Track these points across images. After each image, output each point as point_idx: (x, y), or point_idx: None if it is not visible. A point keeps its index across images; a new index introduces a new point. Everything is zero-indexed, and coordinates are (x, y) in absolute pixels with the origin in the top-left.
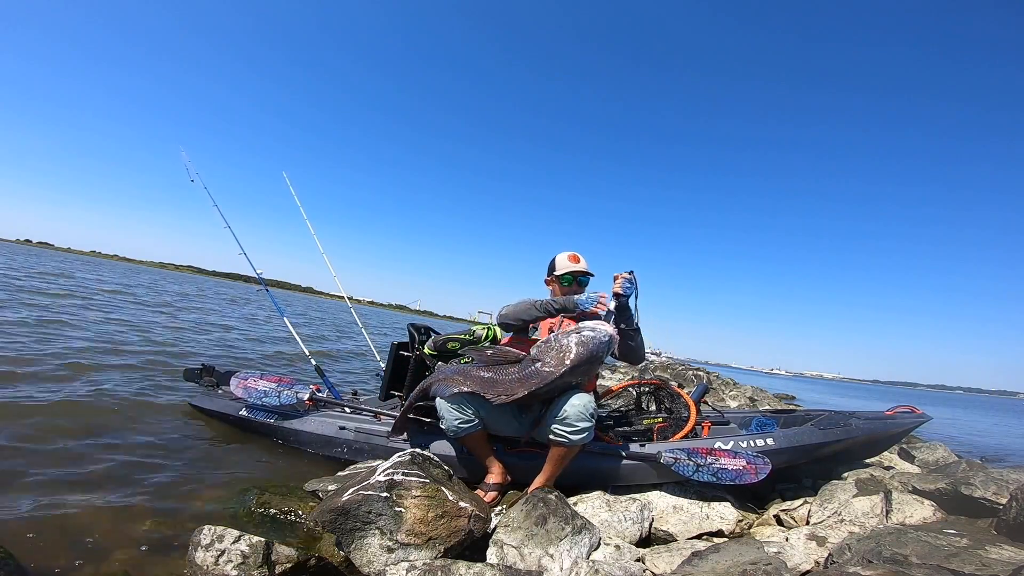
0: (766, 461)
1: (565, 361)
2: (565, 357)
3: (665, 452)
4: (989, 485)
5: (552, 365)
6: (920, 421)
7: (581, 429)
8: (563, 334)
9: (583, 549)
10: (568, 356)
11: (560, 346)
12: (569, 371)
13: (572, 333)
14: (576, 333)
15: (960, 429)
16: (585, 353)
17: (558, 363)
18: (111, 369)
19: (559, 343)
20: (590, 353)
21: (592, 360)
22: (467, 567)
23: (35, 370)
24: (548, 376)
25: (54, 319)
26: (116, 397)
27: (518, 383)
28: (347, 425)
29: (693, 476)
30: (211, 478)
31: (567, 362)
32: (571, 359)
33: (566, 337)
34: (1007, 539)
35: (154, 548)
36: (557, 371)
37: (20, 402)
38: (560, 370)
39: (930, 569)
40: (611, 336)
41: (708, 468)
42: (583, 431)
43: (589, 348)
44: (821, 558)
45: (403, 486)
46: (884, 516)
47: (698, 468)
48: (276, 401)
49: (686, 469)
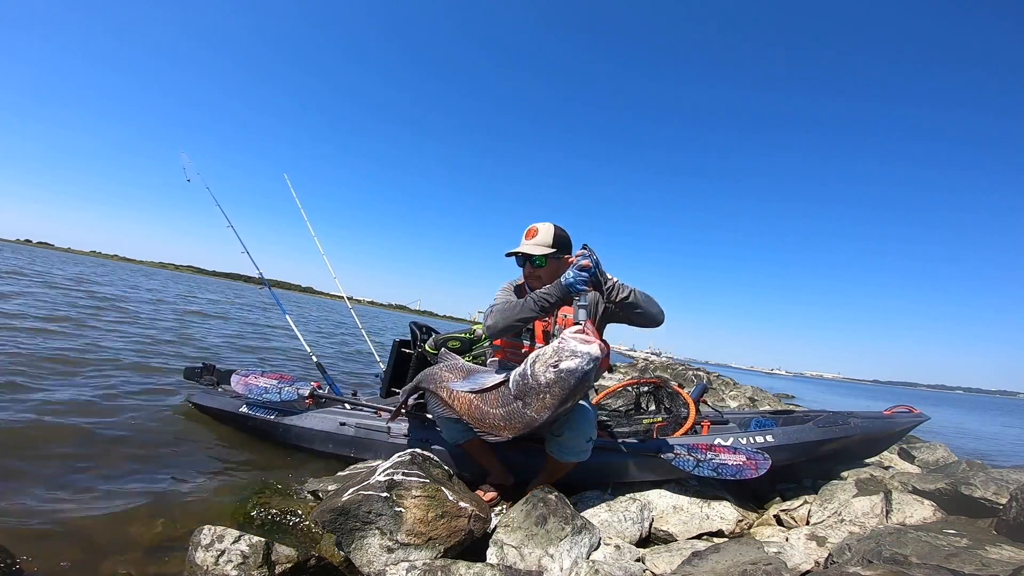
0: (766, 457)
1: (547, 406)
2: (545, 401)
3: (665, 448)
4: (989, 485)
5: (534, 409)
6: (918, 421)
7: (579, 452)
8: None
9: (583, 549)
10: (548, 399)
11: (539, 387)
12: (552, 415)
13: (550, 368)
14: (554, 369)
15: (960, 429)
16: (566, 393)
17: (540, 408)
18: (111, 369)
19: (537, 383)
20: (571, 389)
21: (576, 393)
22: (467, 567)
23: (35, 370)
24: (532, 421)
25: (54, 318)
26: (116, 397)
27: (503, 422)
28: (347, 421)
29: (693, 471)
30: (211, 478)
31: (548, 407)
32: (553, 402)
33: (545, 373)
34: (1007, 539)
35: (154, 548)
36: (540, 417)
37: (20, 402)
38: (543, 415)
39: (930, 569)
40: (595, 358)
41: (708, 463)
42: (581, 453)
43: (570, 385)
44: (821, 558)
45: (403, 486)
46: (884, 516)
47: (698, 463)
48: (277, 397)
49: (686, 464)
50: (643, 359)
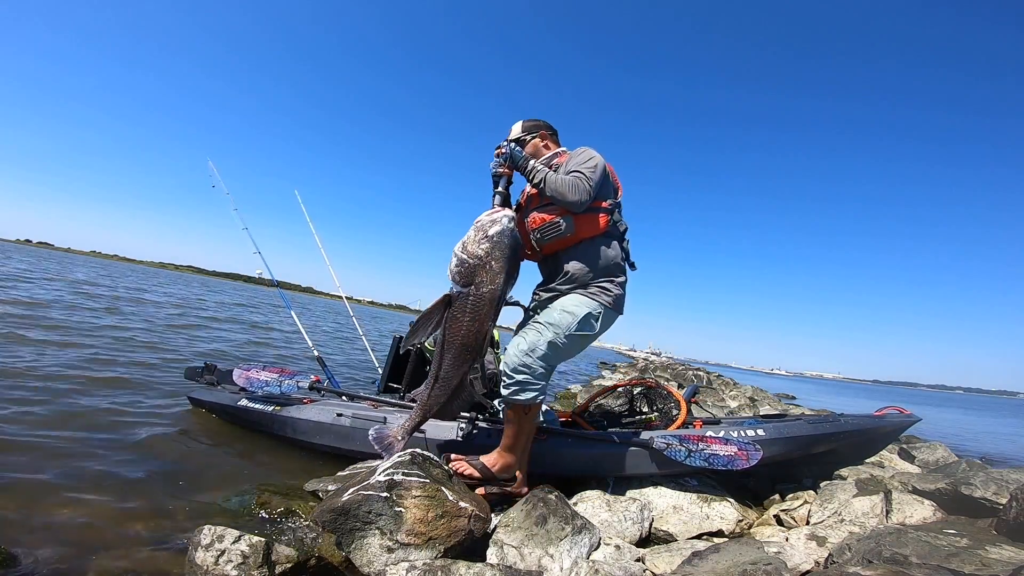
0: (757, 448)
1: (497, 271)
2: (493, 268)
3: (657, 438)
4: (989, 485)
5: (489, 282)
6: (910, 422)
7: (511, 383)
8: (473, 247)
9: (583, 549)
10: (495, 265)
11: (481, 260)
12: (507, 280)
13: (481, 242)
14: (485, 239)
15: (960, 429)
16: (506, 251)
17: (492, 278)
18: (111, 369)
19: (478, 259)
20: (509, 247)
21: (515, 251)
22: (467, 567)
23: (35, 370)
24: (494, 295)
25: (56, 316)
26: (116, 396)
27: (474, 322)
28: (344, 412)
29: (685, 461)
30: (211, 478)
31: (499, 272)
32: (500, 266)
33: (480, 247)
34: (1007, 539)
35: (154, 548)
36: (496, 285)
37: (20, 402)
38: (499, 281)
39: (930, 569)
40: (510, 217)
41: (700, 454)
42: (513, 384)
43: (505, 244)
44: (821, 558)
45: (403, 486)
46: (884, 516)
47: (690, 453)
48: (277, 390)
49: (678, 454)
50: (643, 359)
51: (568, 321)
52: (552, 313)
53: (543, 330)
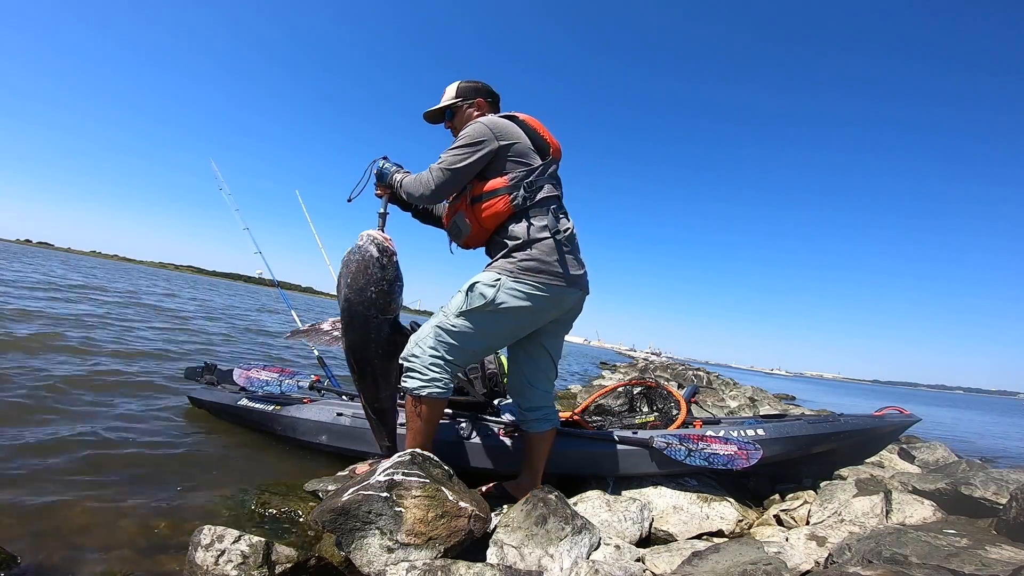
0: (757, 447)
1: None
2: (385, 268)
3: (657, 437)
4: (989, 485)
5: (375, 288)
6: (910, 422)
7: (405, 369)
8: (358, 255)
9: (583, 549)
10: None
11: (370, 266)
12: (396, 282)
13: (369, 249)
14: (373, 246)
15: (960, 429)
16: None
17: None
18: (111, 368)
19: (372, 267)
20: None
21: (391, 261)
22: (467, 567)
23: (35, 370)
24: (392, 288)
25: (56, 317)
26: (116, 396)
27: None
28: (344, 411)
29: (685, 460)
30: (211, 478)
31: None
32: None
33: (368, 252)
34: (1007, 539)
35: (154, 548)
36: (386, 278)
37: (19, 402)
38: (391, 275)
39: (930, 569)
40: (372, 238)
41: (700, 453)
42: (407, 371)
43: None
44: (821, 558)
45: (403, 486)
46: (884, 516)
47: (690, 453)
48: (277, 390)
49: (678, 454)
50: (643, 359)
51: (457, 300)
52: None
53: (434, 317)
